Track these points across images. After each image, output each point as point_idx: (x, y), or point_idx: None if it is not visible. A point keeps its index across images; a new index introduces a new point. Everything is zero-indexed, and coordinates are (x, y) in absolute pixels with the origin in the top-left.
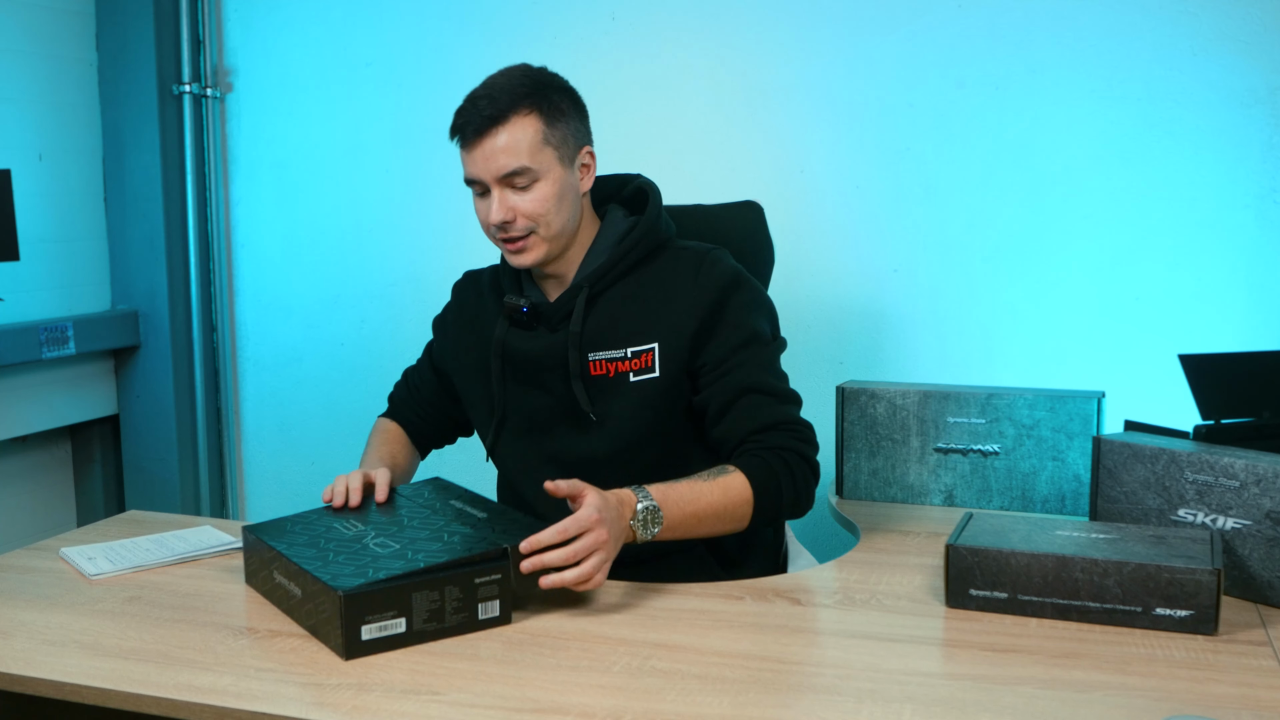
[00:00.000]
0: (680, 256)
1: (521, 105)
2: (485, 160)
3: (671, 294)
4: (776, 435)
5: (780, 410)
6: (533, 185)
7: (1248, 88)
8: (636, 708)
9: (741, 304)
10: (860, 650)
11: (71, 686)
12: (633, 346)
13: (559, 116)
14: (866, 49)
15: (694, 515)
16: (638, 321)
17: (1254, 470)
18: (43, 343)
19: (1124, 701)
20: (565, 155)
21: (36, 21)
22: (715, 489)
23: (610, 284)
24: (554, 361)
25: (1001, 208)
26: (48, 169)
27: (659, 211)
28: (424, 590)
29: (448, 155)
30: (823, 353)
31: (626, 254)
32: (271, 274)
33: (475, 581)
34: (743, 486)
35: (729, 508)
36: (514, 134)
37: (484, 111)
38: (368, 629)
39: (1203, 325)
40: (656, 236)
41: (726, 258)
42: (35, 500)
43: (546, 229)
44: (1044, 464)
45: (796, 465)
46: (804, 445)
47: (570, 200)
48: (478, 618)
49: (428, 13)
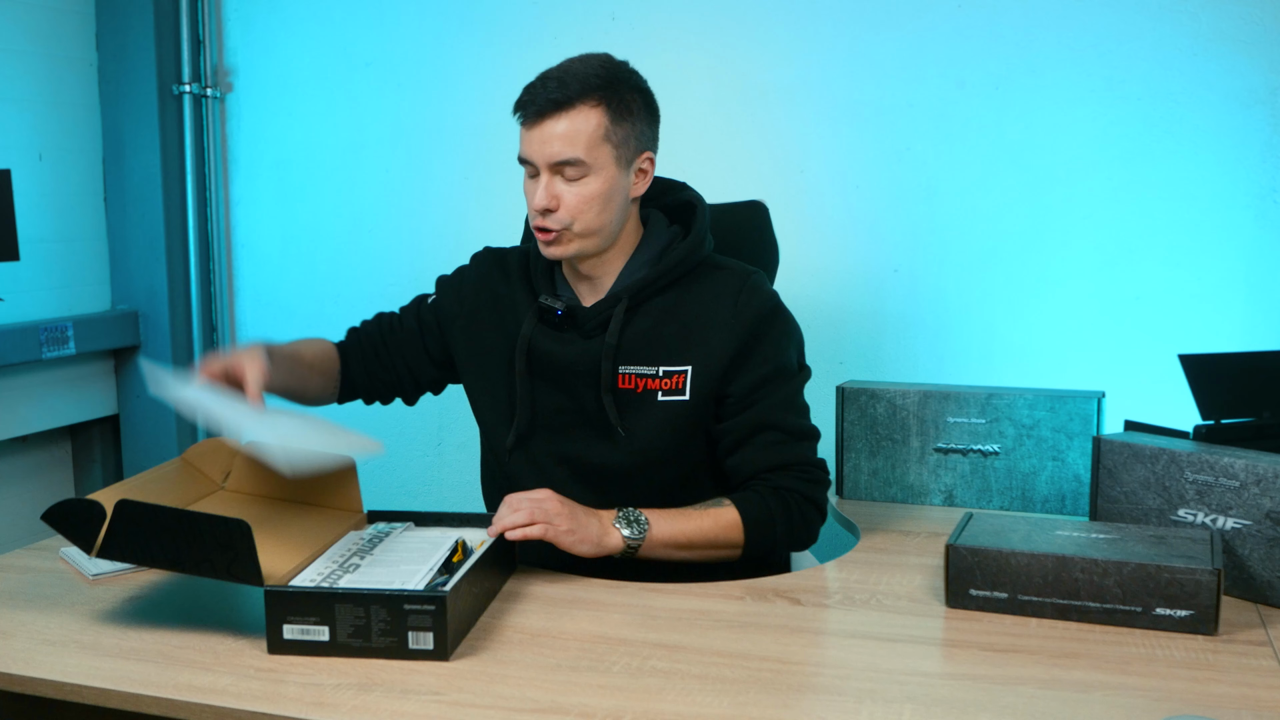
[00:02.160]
0: (720, 279)
1: (590, 95)
2: (541, 143)
3: (710, 318)
4: (785, 476)
5: (793, 450)
6: (582, 179)
7: (1248, 88)
8: (636, 708)
9: (776, 336)
10: (860, 650)
11: (71, 686)
12: (665, 366)
13: (626, 115)
14: (866, 49)
15: (681, 534)
16: (674, 341)
17: (1254, 470)
18: (43, 343)
19: (1124, 701)
20: (624, 156)
21: (36, 21)
22: (706, 518)
23: (648, 298)
24: (585, 370)
25: (1001, 208)
26: (48, 169)
27: (706, 230)
28: (348, 604)
29: (448, 155)
30: (823, 353)
31: (669, 270)
32: (271, 274)
33: (404, 608)
34: (734, 520)
35: (719, 536)
36: (575, 123)
37: (551, 93)
38: (289, 629)
39: (1203, 325)
40: (700, 255)
41: (765, 283)
42: (35, 500)
43: (584, 227)
44: (1044, 464)
45: (797, 506)
46: (811, 486)
47: (618, 204)
48: (407, 645)
49: (428, 13)
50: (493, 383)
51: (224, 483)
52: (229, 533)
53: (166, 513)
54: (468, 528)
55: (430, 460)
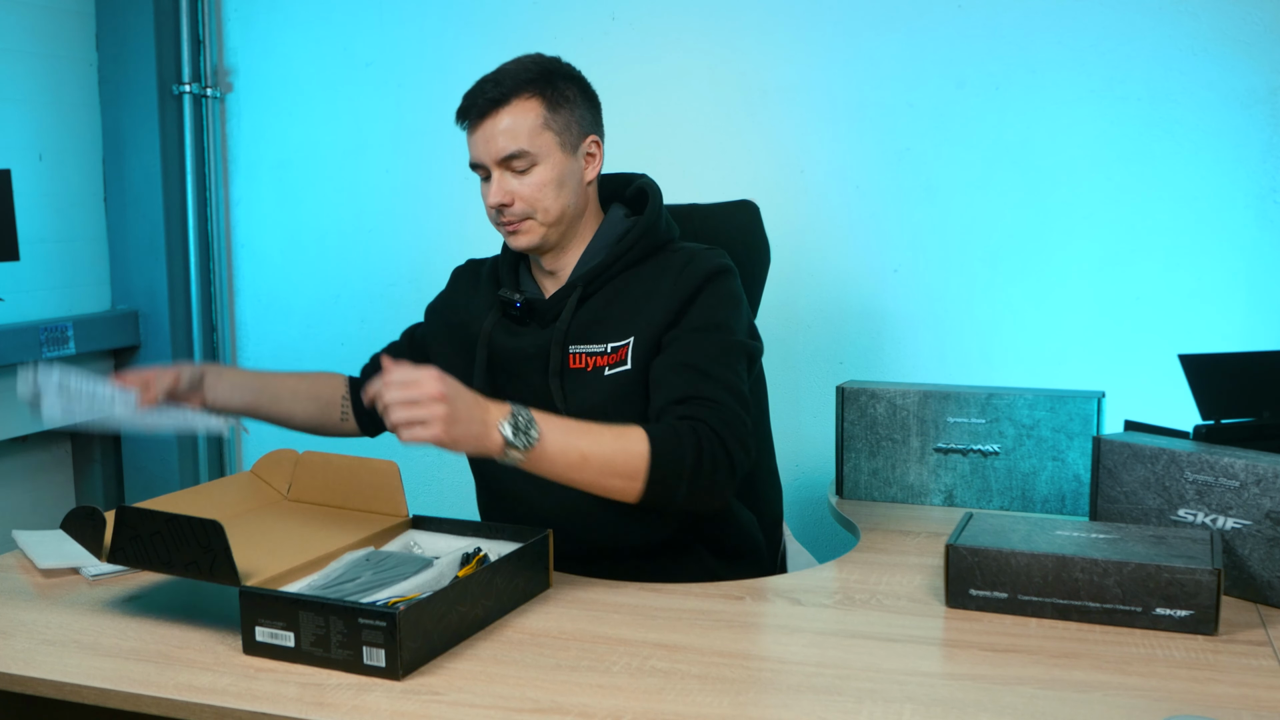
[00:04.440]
0: (673, 257)
1: (524, 90)
2: (485, 142)
3: (656, 289)
4: (695, 406)
5: (709, 388)
6: (531, 169)
7: (1248, 88)
8: (636, 708)
9: (715, 294)
10: (860, 650)
11: (71, 686)
12: (612, 342)
13: (563, 103)
14: (866, 49)
15: (578, 451)
16: (621, 316)
17: (1254, 470)
18: (43, 343)
19: (1124, 701)
20: (568, 142)
21: (36, 21)
22: (608, 433)
23: (604, 284)
24: (535, 356)
25: (1001, 208)
26: (48, 169)
27: (659, 212)
28: (309, 612)
29: (448, 155)
30: (823, 353)
31: (623, 254)
32: (271, 274)
33: (359, 621)
34: (639, 440)
35: (619, 456)
36: (514, 117)
37: (488, 94)
38: (261, 632)
39: (1203, 325)
40: (655, 238)
41: (719, 256)
42: (35, 500)
43: (544, 214)
44: (1044, 464)
45: (707, 439)
46: (722, 425)
47: (571, 187)
48: (362, 660)
49: (428, 13)
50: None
51: (287, 493)
52: (206, 534)
53: (158, 517)
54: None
55: (430, 460)
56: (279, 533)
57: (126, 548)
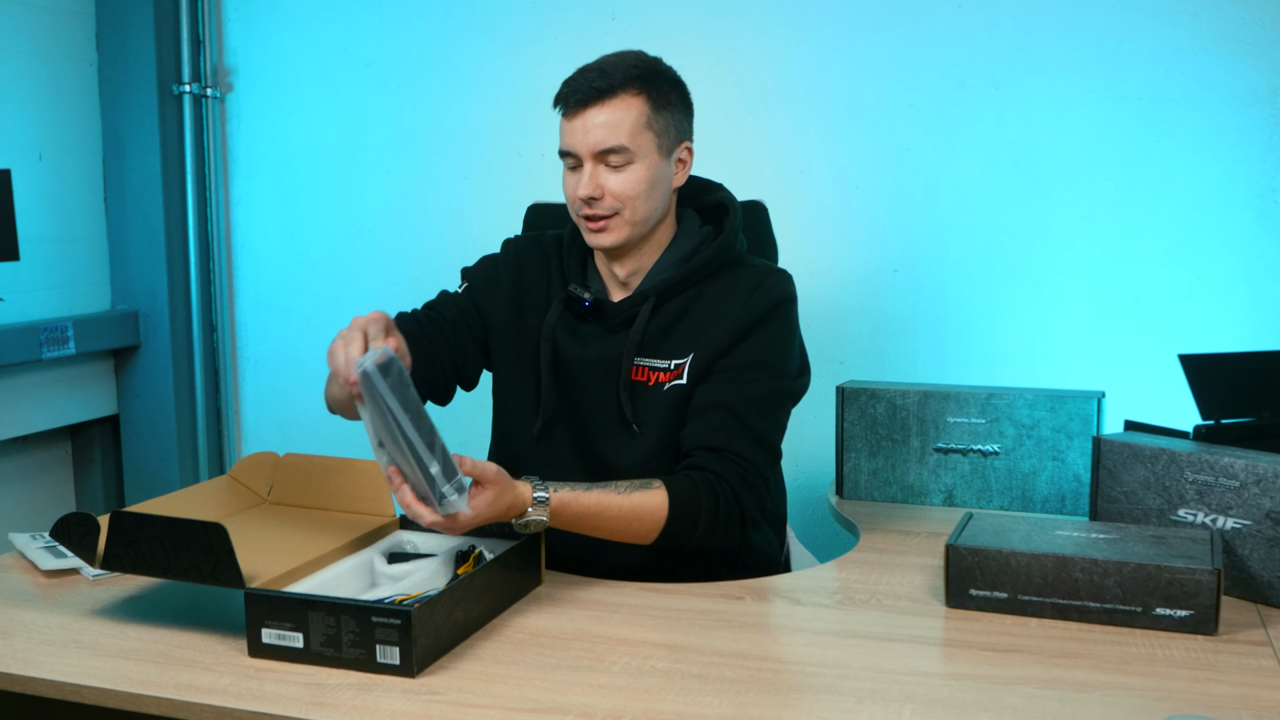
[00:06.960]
0: (743, 274)
1: (631, 85)
2: (584, 133)
3: (723, 309)
4: (723, 462)
5: (741, 442)
6: (627, 166)
7: (1248, 88)
8: (636, 708)
9: (773, 329)
10: (860, 650)
11: (71, 686)
12: (676, 359)
13: (665, 105)
14: (866, 49)
15: (591, 528)
16: (686, 333)
17: (1254, 470)
18: (43, 343)
19: (1124, 701)
20: (664, 145)
21: (36, 21)
22: (625, 505)
23: (673, 296)
24: (600, 364)
25: (1001, 208)
26: (48, 169)
27: (736, 232)
28: (320, 612)
29: (448, 155)
30: (823, 353)
31: (697, 270)
32: (271, 274)
33: (372, 620)
34: (658, 507)
35: (635, 524)
36: (618, 111)
37: (593, 83)
38: (268, 633)
39: (1202, 325)
40: (729, 256)
41: (785, 282)
42: (35, 500)
43: (632, 213)
44: (1044, 464)
45: (725, 498)
46: (743, 486)
47: (661, 191)
48: (375, 659)
49: (428, 13)
50: (521, 369)
51: (268, 496)
52: (208, 536)
53: (155, 521)
54: (489, 536)
55: None
56: (268, 536)
57: (122, 554)
